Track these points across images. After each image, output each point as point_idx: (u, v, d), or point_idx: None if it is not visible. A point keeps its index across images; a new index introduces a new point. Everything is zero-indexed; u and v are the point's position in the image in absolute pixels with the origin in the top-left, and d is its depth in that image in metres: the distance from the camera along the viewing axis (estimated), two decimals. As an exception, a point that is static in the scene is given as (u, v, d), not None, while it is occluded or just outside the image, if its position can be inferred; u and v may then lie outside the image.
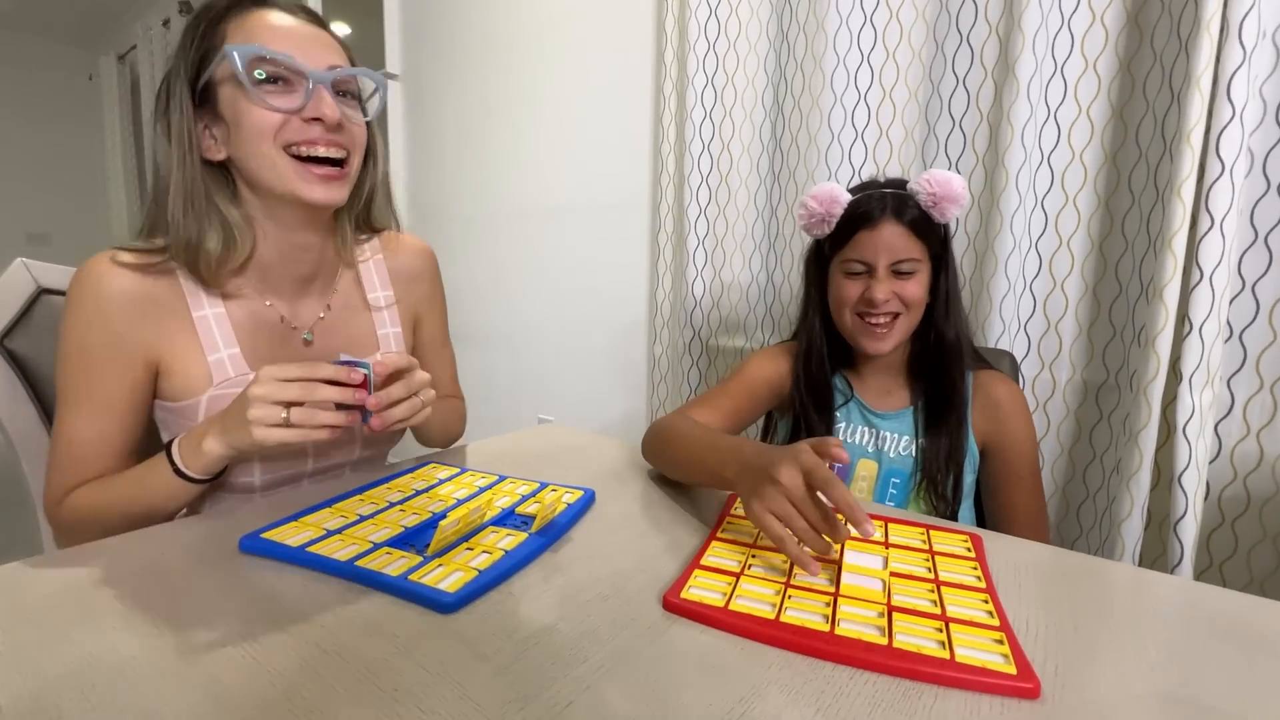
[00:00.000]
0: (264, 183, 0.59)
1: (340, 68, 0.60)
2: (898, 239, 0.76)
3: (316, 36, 0.60)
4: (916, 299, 0.77)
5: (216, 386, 0.61)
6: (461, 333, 2.09)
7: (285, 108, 0.56)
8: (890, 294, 0.76)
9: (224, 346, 0.62)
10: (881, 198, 0.77)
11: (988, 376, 0.82)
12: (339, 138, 0.59)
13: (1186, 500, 0.82)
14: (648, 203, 1.52)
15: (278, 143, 0.57)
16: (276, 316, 0.66)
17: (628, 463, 0.80)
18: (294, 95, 0.57)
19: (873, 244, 0.76)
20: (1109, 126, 0.95)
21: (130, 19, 3.74)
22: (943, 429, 0.78)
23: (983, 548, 0.54)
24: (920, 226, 0.76)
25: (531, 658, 0.38)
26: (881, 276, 0.76)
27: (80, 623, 0.40)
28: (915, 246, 0.76)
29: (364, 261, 0.75)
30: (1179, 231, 0.80)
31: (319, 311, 0.69)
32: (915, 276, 0.77)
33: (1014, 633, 0.41)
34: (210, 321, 0.61)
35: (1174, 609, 0.47)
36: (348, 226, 0.69)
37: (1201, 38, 0.77)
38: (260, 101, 0.56)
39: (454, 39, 1.95)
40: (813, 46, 1.17)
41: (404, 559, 0.49)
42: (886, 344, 0.78)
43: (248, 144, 0.57)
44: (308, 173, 0.59)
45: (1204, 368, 0.82)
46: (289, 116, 0.57)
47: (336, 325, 0.70)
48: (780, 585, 0.47)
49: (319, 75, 0.57)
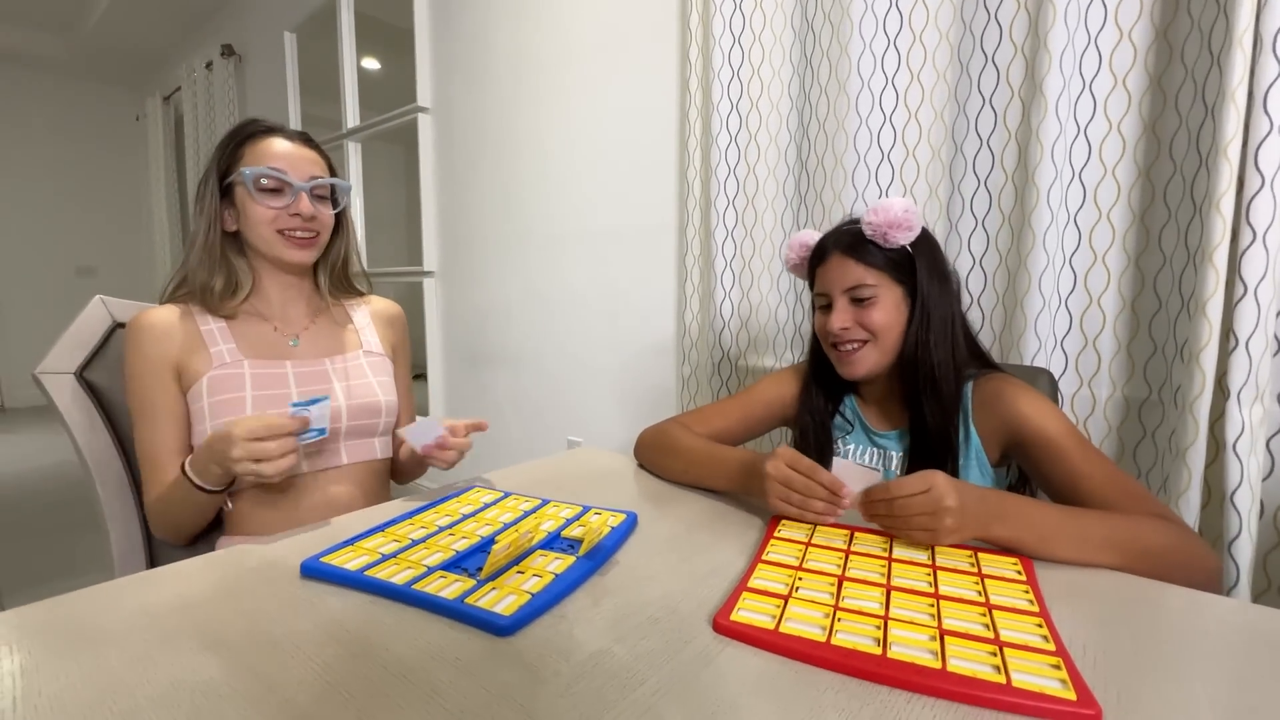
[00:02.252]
0: (261, 249, 0.83)
1: (319, 178, 0.84)
2: (847, 269, 0.80)
3: (303, 156, 0.84)
4: (880, 325, 0.79)
5: (215, 369, 0.78)
6: (490, 355, 2.13)
7: (276, 206, 0.81)
8: (849, 322, 0.80)
9: (222, 342, 0.81)
10: (834, 233, 0.83)
11: (985, 380, 0.79)
12: (311, 225, 0.84)
13: (1241, 519, 0.80)
14: (674, 226, 1.54)
15: (272, 227, 0.81)
16: (269, 327, 0.86)
17: (666, 486, 0.81)
18: (283, 197, 0.82)
19: (826, 277, 0.83)
20: (1141, 142, 0.95)
21: (175, 62, 3.94)
22: (925, 447, 0.78)
23: (1033, 570, 0.53)
24: (869, 254, 0.79)
25: (591, 680, 0.39)
26: (838, 306, 0.81)
27: (161, 645, 0.43)
28: (869, 274, 0.79)
29: (349, 305, 0.96)
30: (1220, 245, 0.79)
31: (306, 324, 0.89)
32: (875, 303, 0.79)
33: (1071, 658, 0.41)
34: (214, 330, 0.81)
35: (1235, 632, 0.46)
36: (324, 276, 0.92)
37: (1234, 53, 0.77)
38: (261, 203, 0.80)
39: (483, 72, 2.01)
40: (836, 70, 1.19)
41: (458, 582, 0.50)
42: (858, 369, 0.81)
43: (252, 227, 0.82)
44: (289, 243, 0.83)
45: (1252, 383, 0.80)
46: (279, 211, 0.81)
47: (321, 333, 0.90)
48: (829, 608, 0.47)
49: (300, 185, 0.82)
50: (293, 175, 0.81)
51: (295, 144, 0.85)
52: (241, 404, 0.77)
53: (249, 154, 0.81)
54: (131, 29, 3.72)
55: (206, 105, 3.48)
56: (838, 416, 0.89)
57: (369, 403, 0.86)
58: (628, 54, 1.61)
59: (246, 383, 0.78)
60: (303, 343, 0.87)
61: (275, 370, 0.81)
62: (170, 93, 4.05)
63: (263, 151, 0.82)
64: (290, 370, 0.82)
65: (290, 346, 0.86)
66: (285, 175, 0.81)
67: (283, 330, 0.86)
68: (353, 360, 0.89)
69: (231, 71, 3.30)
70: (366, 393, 0.87)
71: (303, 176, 0.83)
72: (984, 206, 1.08)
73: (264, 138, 0.83)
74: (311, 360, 0.85)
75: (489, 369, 2.15)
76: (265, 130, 0.84)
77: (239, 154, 0.82)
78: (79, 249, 4.61)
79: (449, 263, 2.25)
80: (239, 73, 3.32)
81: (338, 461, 0.84)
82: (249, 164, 0.80)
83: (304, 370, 0.84)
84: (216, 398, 0.76)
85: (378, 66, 3.52)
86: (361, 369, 0.89)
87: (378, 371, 0.91)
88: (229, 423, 0.65)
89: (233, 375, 0.78)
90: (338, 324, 0.93)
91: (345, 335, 0.92)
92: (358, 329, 0.94)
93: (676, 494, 0.77)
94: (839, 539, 0.60)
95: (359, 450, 0.86)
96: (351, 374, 0.88)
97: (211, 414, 0.76)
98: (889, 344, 0.80)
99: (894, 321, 0.79)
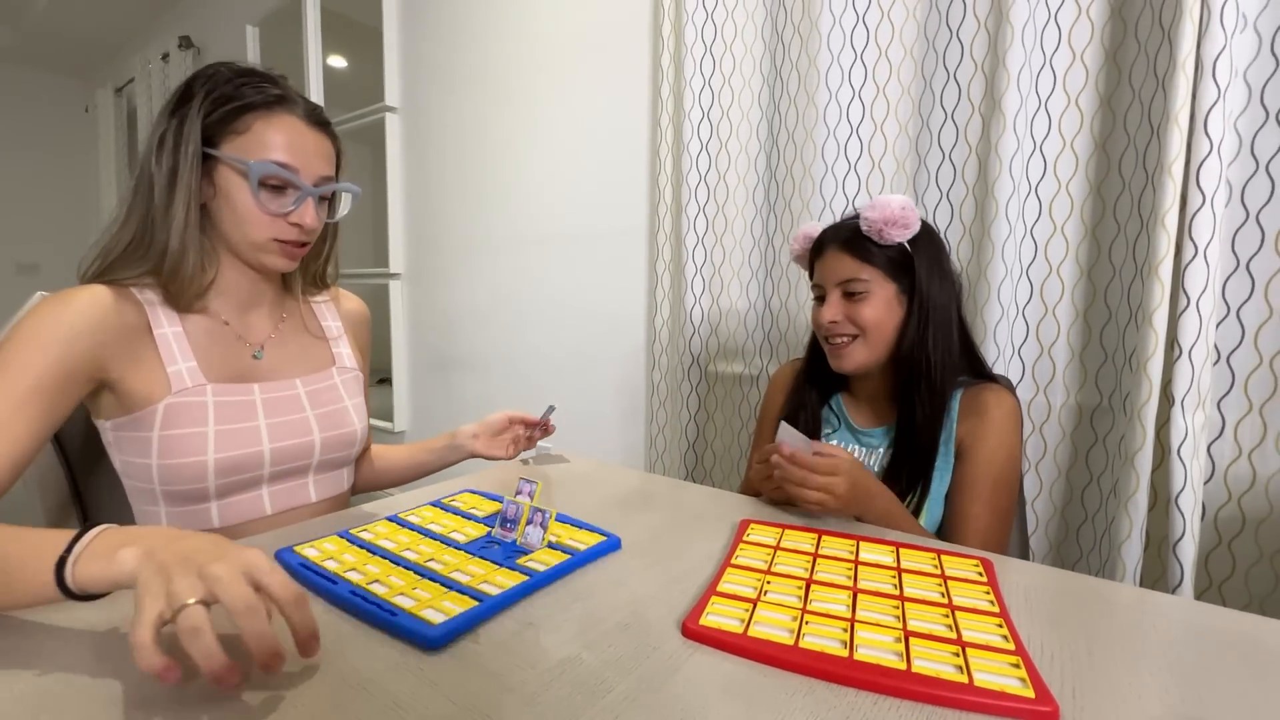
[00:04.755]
0: (240, 249, 0.69)
1: (328, 179, 0.71)
2: (842, 263, 0.81)
3: (319, 148, 0.70)
4: (869, 321, 0.79)
5: (174, 395, 0.65)
6: (460, 359, 2.10)
7: (277, 211, 0.67)
8: (839, 315, 0.81)
9: (182, 359, 0.67)
10: (833, 227, 0.84)
11: (981, 388, 0.81)
12: (309, 235, 0.71)
13: (1184, 521, 0.84)
14: (645, 231, 1.55)
15: (266, 233, 0.68)
16: (232, 334, 0.73)
17: (636, 490, 0.80)
18: (286, 199, 0.68)
19: (822, 269, 0.84)
20: (1092, 159, 0.99)
21: (129, 52, 3.79)
22: (908, 447, 0.80)
23: (994, 572, 0.54)
24: (864, 249, 0.79)
25: (558, 689, 0.38)
26: (830, 300, 0.82)
27: (100, 661, 0.40)
28: (862, 268, 0.80)
29: (316, 303, 0.85)
30: (1164, 259, 0.83)
31: (269, 331, 0.77)
32: (866, 299, 0.79)
33: (1030, 657, 0.42)
34: (169, 338, 0.67)
35: (1182, 630, 0.48)
36: (299, 278, 0.81)
37: (1178, 77, 0.81)
38: (260, 204, 0.66)
39: (451, 72, 1.99)
40: (805, 81, 1.21)
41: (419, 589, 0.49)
42: (846, 363, 0.82)
43: (238, 225, 0.67)
44: (280, 253, 0.70)
45: (1195, 390, 0.84)
46: (278, 218, 0.68)
47: (285, 342, 0.78)
48: (797, 611, 0.47)
49: (309, 190, 0.68)
50: (303, 175, 0.67)
51: (312, 128, 0.69)
52: (201, 440, 0.65)
53: (256, 130, 0.65)
54: (83, 16, 3.56)
55: (161, 98, 3.34)
56: (826, 408, 0.91)
57: (344, 434, 0.77)
58: (600, 60, 1.61)
59: (209, 414, 0.66)
60: (268, 356, 0.75)
61: (242, 398, 0.69)
62: (123, 84, 3.89)
63: (274, 134, 0.65)
64: (258, 397, 0.71)
65: (254, 361, 0.73)
66: (296, 176, 0.67)
67: (245, 337, 0.73)
68: (325, 381, 0.78)
69: (189, 64, 3.19)
70: (341, 422, 0.77)
71: (313, 176, 0.68)
72: (946, 218, 1.11)
73: (278, 112, 0.66)
74: (280, 382, 0.74)
75: (457, 373, 2.12)
76: (278, 100, 0.66)
77: (240, 124, 0.65)
78: (19, 245, 4.38)
79: (416, 265, 2.21)
80: (197, 65, 3.20)
81: (305, 499, 0.74)
82: (255, 147, 0.65)
83: (274, 396, 0.72)
84: (172, 431, 0.64)
85: (344, 65, 3.44)
86: (336, 392, 0.79)
87: (353, 393, 0.81)
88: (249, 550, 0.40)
89: (195, 405, 0.65)
90: (306, 331, 0.81)
91: (316, 350, 0.81)
92: (329, 339, 0.83)
93: (646, 498, 0.77)
94: (807, 542, 0.61)
95: (327, 485, 0.78)
96: (325, 399, 0.77)
97: (161, 450, 0.63)
98: (879, 341, 0.81)
99: (884, 319, 0.80)
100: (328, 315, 0.85)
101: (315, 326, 0.83)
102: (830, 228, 0.85)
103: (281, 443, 0.71)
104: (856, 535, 0.62)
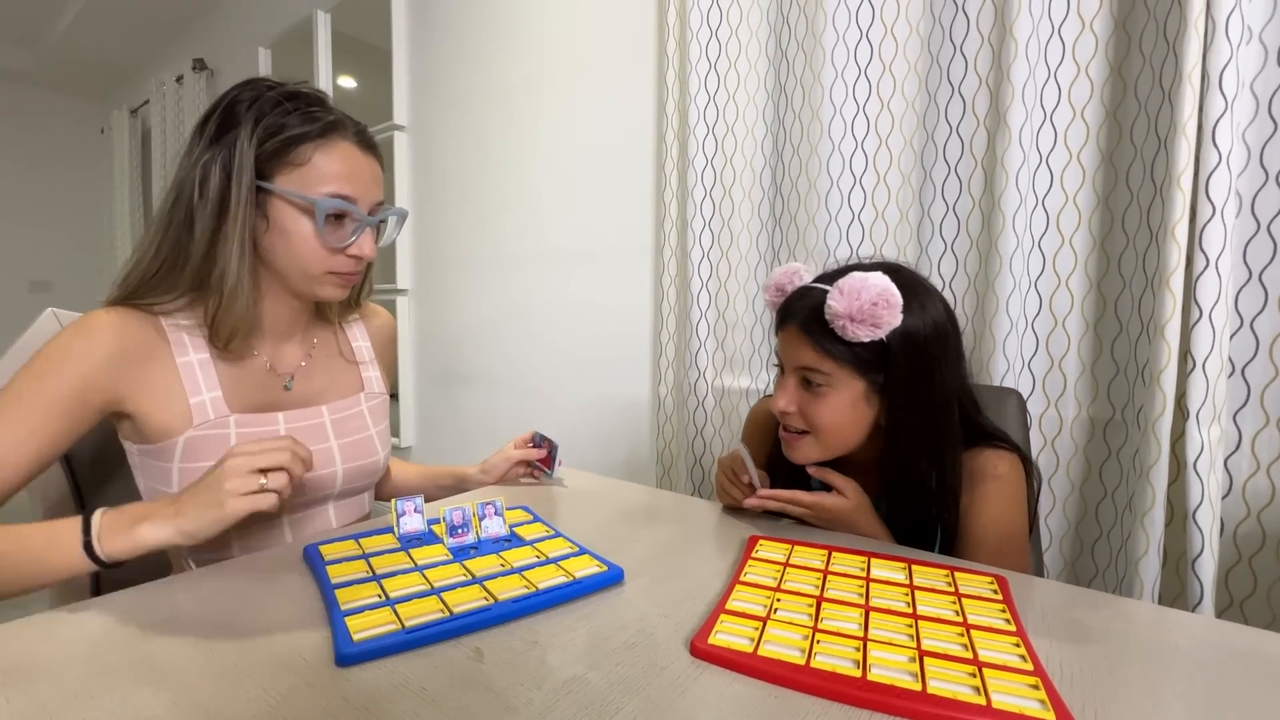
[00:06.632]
0: (292, 280, 0.66)
1: (381, 204, 0.68)
2: (799, 348, 0.67)
3: (373, 173, 0.67)
4: (825, 423, 0.67)
5: (196, 428, 0.62)
6: (465, 374, 2.10)
7: (337, 245, 0.65)
8: (792, 406, 0.68)
9: (206, 389, 0.64)
10: (796, 298, 0.69)
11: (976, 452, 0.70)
12: (364, 265, 0.69)
13: (1203, 537, 0.82)
14: (651, 247, 1.55)
15: (324, 267, 0.66)
16: (263, 364, 0.70)
17: (642, 505, 0.79)
18: (345, 231, 0.65)
19: (781, 344, 0.71)
20: (1099, 171, 0.99)
21: (144, 75, 3.87)
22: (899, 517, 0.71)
23: (1009, 589, 0.53)
24: (825, 338, 0.65)
25: (564, 710, 0.37)
26: (786, 384, 0.69)
27: (101, 679, 0.40)
28: (822, 360, 0.65)
29: (347, 322, 0.83)
30: (1176, 270, 0.82)
31: (300, 360, 0.74)
32: (825, 396, 0.66)
33: (1049, 677, 0.40)
34: (195, 366, 0.64)
35: (1206, 650, 0.46)
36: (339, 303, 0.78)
37: (1184, 88, 0.81)
38: (324, 239, 0.63)
39: (459, 91, 2.02)
40: (810, 96, 1.22)
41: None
42: (796, 456, 0.71)
43: (293, 259, 0.64)
44: (335, 284, 0.68)
45: (1210, 403, 0.82)
46: (338, 252, 0.65)
47: (315, 372, 0.75)
48: (808, 630, 0.46)
49: (368, 220, 0.66)
50: (361, 204, 0.64)
51: (364, 153, 0.66)
52: None
53: (315, 162, 0.61)
54: (99, 41, 3.64)
55: (175, 119, 3.41)
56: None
57: (366, 465, 0.74)
58: (605, 77, 1.63)
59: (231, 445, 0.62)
60: (297, 385, 0.72)
61: (266, 428, 0.67)
62: (138, 106, 3.97)
63: (332, 164, 0.62)
64: (282, 427, 0.68)
65: (283, 392, 0.71)
66: (355, 207, 0.64)
67: (275, 367, 0.71)
68: (353, 409, 0.76)
69: (203, 86, 3.25)
70: (365, 452, 0.74)
71: (369, 204, 0.66)
72: (952, 231, 1.10)
73: (333, 140, 0.63)
74: (307, 410, 0.71)
75: (463, 389, 2.12)
76: (331, 126, 0.63)
77: (296, 156, 0.61)
78: (33, 263, 4.44)
79: (423, 281, 2.22)
80: (210, 87, 3.27)
81: (325, 525, 0.73)
82: (315, 180, 0.61)
83: (299, 426, 0.69)
84: (192, 464, 0.62)
85: (354, 85, 3.50)
86: (362, 420, 0.76)
87: (379, 419, 0.78)
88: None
89: (216, 437, 0.63)
90: (339, 355, 0.78)
91: (346, 375, 0.78)
92: (359, 363, 0.80)
93: (652, 514, 0.76)
94: (817, 559, 0.60)
95: (348, 510, 0.75)
96: (351, 427, 0.74)
97: (181, 483, 0.62)
98: (834, 443, 0.69)
99: (844, 421, 0.67)
100: (358, 335, 0.83)
101: (347, 349, 0.80)
102: (797, 294, 0.69)
103: None
104: (867, 551, 0.61)
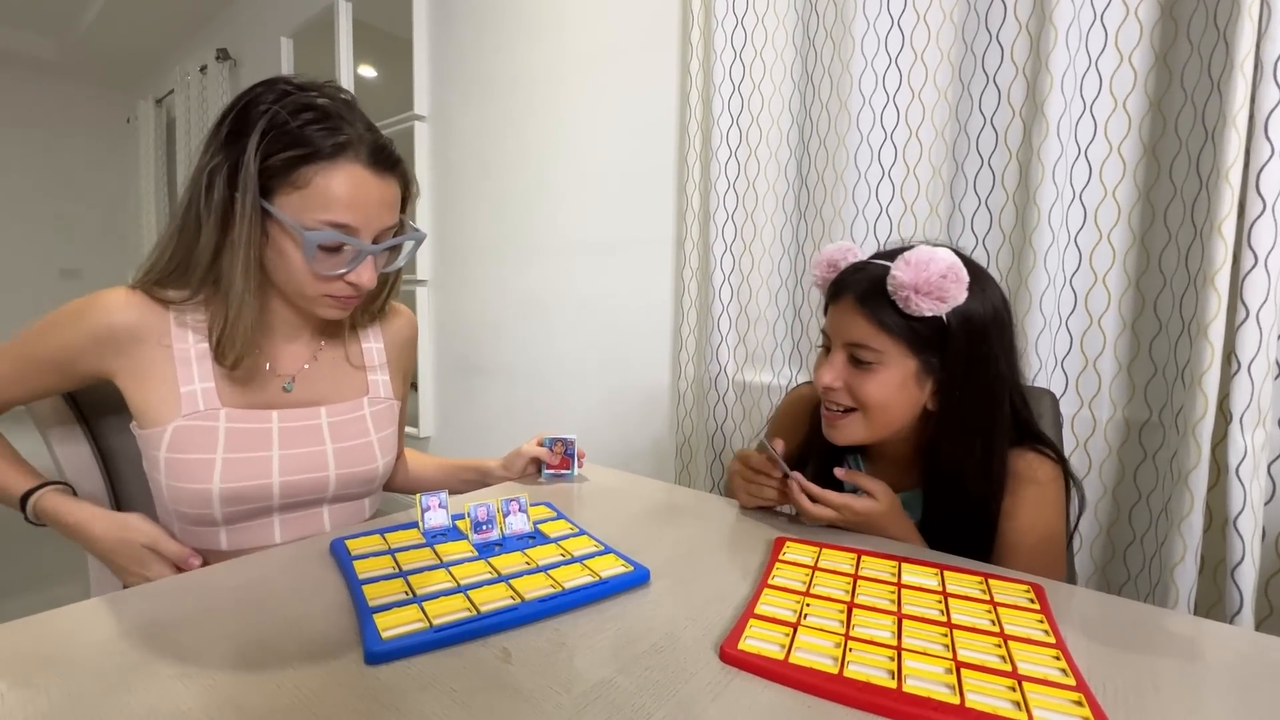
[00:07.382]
0: (292, 297, 0.67)
1: (390, 229, 0.65)
2: (854, 322, 0.66)
3: (382, 197, 0.63)
4: (872, 399, 0.66)
5: (184, 417, 0.63)
6: (483, 366, 2.11)
7: (330, 273, 0.63)
8: (839, 382, 0.67)
9: (199, 380, 0.64)
10: (857, 269, 0.68)
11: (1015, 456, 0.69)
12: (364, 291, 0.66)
13: (1243, 545, 0.79)
14: (672, 239, 1.54)
15: (318, 289, 0.64)
16: (263, 363, 0.69)
17: (663, 503, 0.79)
18: (341, 259, 0.63)
19: (833, 318, 0.69)
20: (1141, 164, 0.95)
21: (169, 65, 3.91)
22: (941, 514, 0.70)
23: (1046, 598, 0.52)
24: (882, 312, 0.64)
25: (594, 714, 0.37)
26: (834, 359, 0.68)
27: (137, 671, 0.40)
28: (876, 335, 0.64)
29: (364, 327, 0.80)
30: (1222, 269, 0.79)
31: (304, 362, 0.73)
32: (874, 372, 0.65)
33: (1092, 692, 0.39)
34: (191, 357, 0.64)
35: (1250, 663, 0.44)
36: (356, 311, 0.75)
37: (1235, 78, 0.78)
38: (314, 265, 0.62)
39: (482, 82, 2.01)
40: (838, 86, 1.19)
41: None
42: (838, 436, 0.69)
43: (290, 279, 0.64)
44: (331, 305, 0.66)
45: (1255, 407, 0.80)
46: (334, 279, 0.63)
47: (319, 375, 0.74)
48: (840, 637, 0.45)
49: (369, 249, 0.63)
50: (363, 232, 0.62)
51: (376, 175, 0.62)
52: (207, 467, 0.62)
53: (316, 186, 0.59)
54: (125, 31, 3.69)
55: (200, 109, 3.45)
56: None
57: (361, 472, 0.71)
58: (627, 67, 1.61)
59: (219, 440, 0.63)
60: (298, 386, 0.71)
61: (257, 425, 0.65)
62: (163, 95, 4.01)
63: (335, 189, 0.59)
64: (275, 425, 0.67)
65: (282, 392, 0.70)
66: (354, 237, 0.61)
67: (275, 368, 0.70)
68: (353, 412, 0.73)
69: (226, 75, 3.28)
70: (363, 459, 0.72)
71: (374, 231, 0.63)
72: (984, 225, 1.08)
73: (341, 163, 0.60)
74: (303, 410, 0.69)
75: (482, 379, 2.12)
76: (341, 148, 0.60)
77: (298, 177, 0.59)
78: (63, 251, 4.54)
79: (443, 272, 2.23)
80: (234, 77, 3.30)
81: (319, 528, 0.71)
82: (313, 205, 0.59)
83: (292, 426, 0.67)
84: (178, 455, 0.62)
85: (374, 74, 3.51)
86: (363, 425, 0.73)
87: (382, 425, 0.75)
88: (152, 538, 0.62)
89: (203, 429, 0.63)
90: (346, 361, 0.76)
91: (350, 379, 0.75)
92: (367, 367, 0.77)
93: (674, 513, 0.75)
94: (846, 563, 0.59)
95: (344, 515, 0.74)
96: (349, 431, 0.72)
97: (168, 471, 0.62)
98: (881, 423, 0.67)
99: (892, 400, 0.66)
100: (371, 337, 0.80)
101: (356, 354, 0.78)
102: (853, 268, 0.69)
103: (293, 476, 0.67)
104: (897, 556, 0.60)
